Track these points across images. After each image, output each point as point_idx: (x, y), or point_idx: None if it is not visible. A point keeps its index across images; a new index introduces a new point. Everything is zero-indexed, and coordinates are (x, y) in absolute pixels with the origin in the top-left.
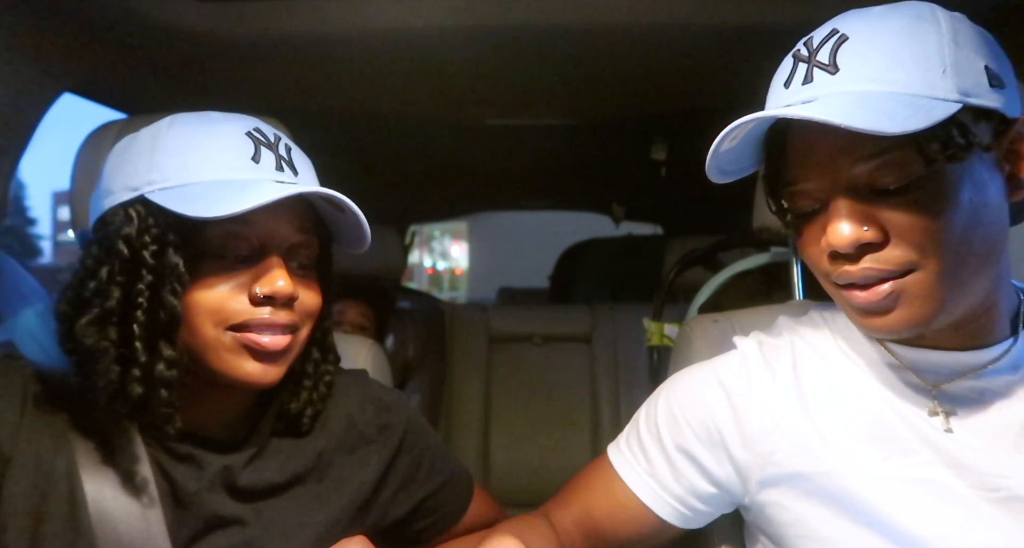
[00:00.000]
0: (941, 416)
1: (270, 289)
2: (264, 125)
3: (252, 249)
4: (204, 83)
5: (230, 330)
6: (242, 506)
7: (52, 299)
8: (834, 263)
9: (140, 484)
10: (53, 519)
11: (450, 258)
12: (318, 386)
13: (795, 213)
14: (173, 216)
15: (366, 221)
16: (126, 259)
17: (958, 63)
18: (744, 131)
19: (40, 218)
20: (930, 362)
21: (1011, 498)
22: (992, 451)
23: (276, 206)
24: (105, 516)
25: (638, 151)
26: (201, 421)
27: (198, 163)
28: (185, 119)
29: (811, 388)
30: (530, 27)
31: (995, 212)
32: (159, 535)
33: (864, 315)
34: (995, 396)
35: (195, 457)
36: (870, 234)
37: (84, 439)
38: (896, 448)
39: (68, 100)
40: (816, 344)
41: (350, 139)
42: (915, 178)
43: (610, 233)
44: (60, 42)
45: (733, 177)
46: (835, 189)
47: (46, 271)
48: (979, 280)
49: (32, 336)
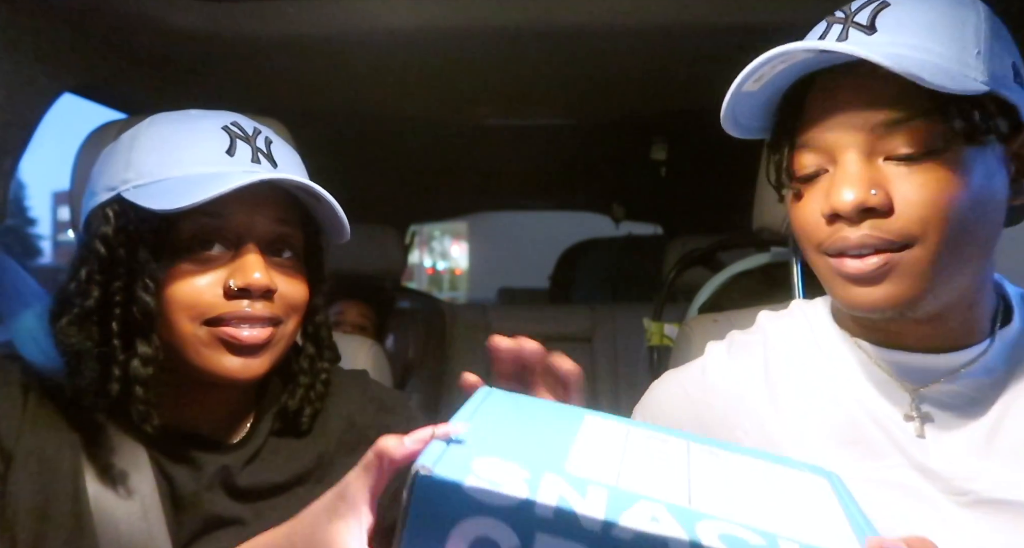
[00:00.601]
0: (916, 422)
1: (243, 281)
2: (244, 119)
3: (228, 242)
4: (204, 83)
5: (206, 325)
6: (242, 506)
7: (50, 299)
8: (832, 227)
9: (140, 484)
10: (57, 518)
11: (450, 258)
12: (315, 384)
13: (798, 176)
14: (146, 213)
15: (341, 210)
16: (104, 258)
17: (992, 50)
18: (772, 72)
19: (40, 218)
20: (904, 364)
21: (979, 502)
22: (961, 456)
23: (252, 198)
24: (107, 516)
25: (638, 151)
26: (196, 419)
27: (172, 159)
28: (164, 117)
29: (782, 388)
30: (530, 27)
31: (996, 207)
32: (160, 535)
33: (851, 284)
34: (967, 400)
35: (193, 457)
36: (877, 199)
37: (85, 439)
38: (868, 451)
39: (68, 100)
40: (792, 342)
41: (350, 139)
42: (931, 150)
43: (610, 233)
44: (60, 42)
45: (746, 134)
46: (849, 149)
47: (46, 271)
48: (968, 270)
49: (32, 337)
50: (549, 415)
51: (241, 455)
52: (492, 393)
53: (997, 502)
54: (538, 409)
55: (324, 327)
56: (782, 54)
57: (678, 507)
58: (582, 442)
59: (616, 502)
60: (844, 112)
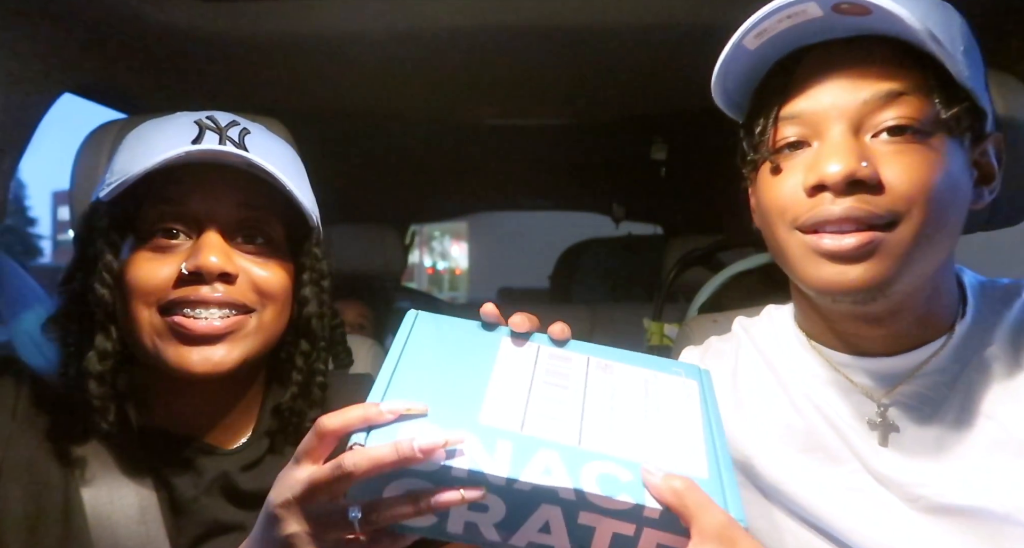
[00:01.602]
0: (879, 430)
1: (195, 263)
2: (224, 115)
3: (190, 229)
4: (204, 83)
5: (162, 314)
6: (244, 513)
7: (51, 301)
8: (812, 200)
9: (137, 489)
10: (48, 525)
11: (450, 258)
12: (310, 383)
13: (779, 146)
14: (109, 207)
15: (301, 196)
16: (77, 259)
17: (971, 54)
18: (775, 29)
19: (40, 218)
20: (864, 369)
21: (931, 507)
22: (914, 461)
23: (213, 182)
24: (103, 521)
25: (638, 151)
26: (190, 422)
27: (141, 154)
28: (145, 121)
29: (747, 394)
30: (530, 27)
31: (964, 201)
32: (159, 540)
33: (827, 262)
34: (926, 401)
35: (192, 463)
36: (867, 171)
37: (80, 444)
38: (827, 457)
39: (68, 100)
40: (760, 347)
41: (350, 139)
42: (919, 129)
43: (610, 233)
44: (60, 42)
45: (730, 106)
46: (837, 121)
47: (46, 271)
48: (935, 259)
49: (31, 339)
50: (470, 343)
51: (241, 460)
52: (419, 317)
53: (946, 508)
54: (460, 334)
55: (318, 320)
56: (792, 4)
57: (569, 450)
58: (497, 379)
59: (518, 455)
60: (837, 83)
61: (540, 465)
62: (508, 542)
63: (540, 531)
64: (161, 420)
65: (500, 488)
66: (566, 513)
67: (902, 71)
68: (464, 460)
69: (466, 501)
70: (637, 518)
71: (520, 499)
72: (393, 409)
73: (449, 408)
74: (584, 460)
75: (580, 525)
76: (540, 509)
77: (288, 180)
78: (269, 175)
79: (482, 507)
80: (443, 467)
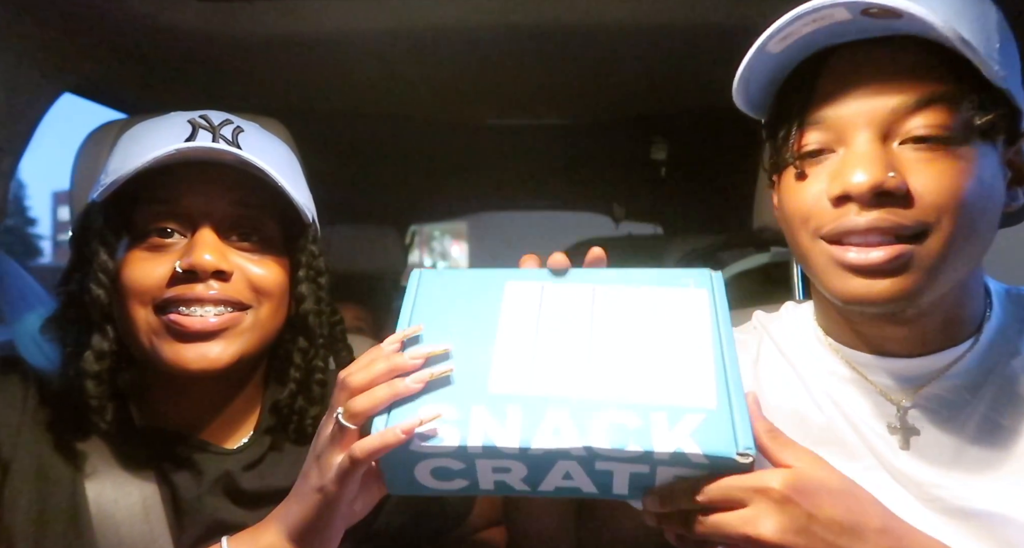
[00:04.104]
0: (900, 434)
1: (188, 261)
2: (215, 113)
3: (185, 228)
4: (204, 83)
5: (157, 313)
6: (246, 512)
7: (53, 301)
8: (837, 210)
9: (141, 488)
10: (55, 523)
11: (450, 258)
12: (309, 380)
13: (803, 153)
14: (104, 207)
15: (291, 192)
16: (74, 261)
17: (1007, 49)
18: (800, 33)
19: (40, 218)
20: (886, 369)
21: (948, 509)
22: (933, 463)
23: (206, 181)
24: (107, 519)
25: (638, 151)
26: (192, 421)
27: (134, 154)
28: (138, 122)
29: (767, 385)
30: (530, 27)
31: (996, 207)
32: (162, 539)
33: (852, 275)
34: (947, 404)
35: (194, 462)
36: (894, 181)
37: (84, 443)
38: (843, 452)
39: (68, 100)
40: (780, 343)
41: (350, 139)
42: (949, 138)
43: (610, 233)
44: (60, 42)
45: (751, 107)
46: (863, 128)
47: (46, 271)
48: (965, 267)
49: (33, 340)
50: (475, 296)
51: (243, 459)
52: (423, 275)
53: (964, 511)
54: (465, 287)
55: (316, 317)
56: (819, 9)
57: (577, 403)
58: (503, 334)
59: (528, 420)
60: (864, 89)
61: (550, 426)
62: (537, 490)
63: (564, 478)
64: (162, 419)
65: (515, 455)
66: (583, 464)
67: (932, 75)
68: (477, 436)
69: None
70: (649, 461)
71: (537, 461)
72: (417, 353)
73: (459, 378)
74: (592, 411)
75: (598, 470)
76: (557, 465)
77: (282, 177)
78: (262, 172)
79: (505, 469)
80: (459, 448)
